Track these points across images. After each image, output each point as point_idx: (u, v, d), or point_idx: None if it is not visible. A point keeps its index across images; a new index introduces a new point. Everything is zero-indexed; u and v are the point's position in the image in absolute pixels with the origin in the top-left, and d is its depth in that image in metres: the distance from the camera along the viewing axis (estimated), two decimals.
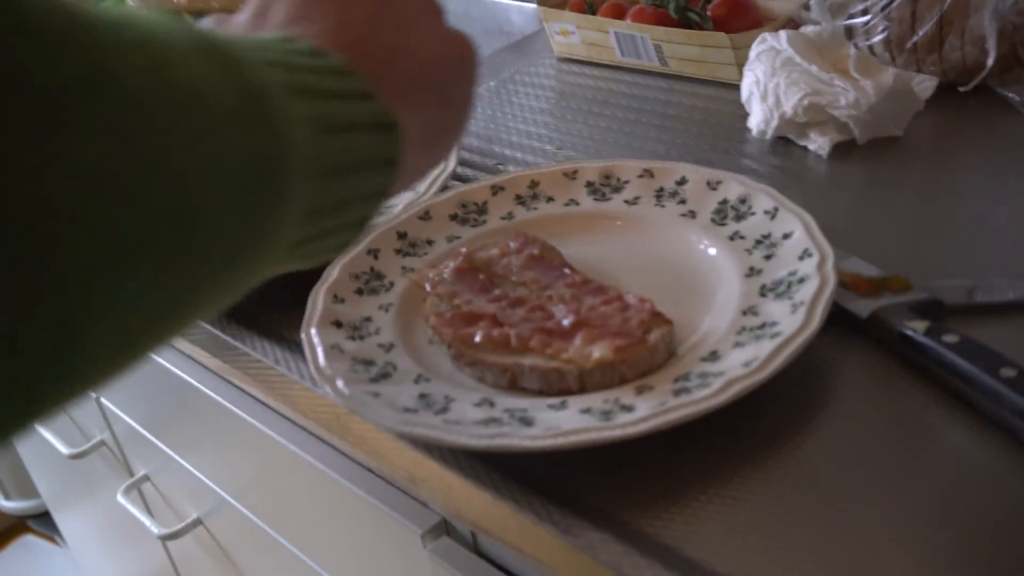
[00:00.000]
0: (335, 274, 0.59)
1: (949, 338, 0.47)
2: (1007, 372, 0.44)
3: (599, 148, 0.76)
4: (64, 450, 1.06)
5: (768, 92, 0.70)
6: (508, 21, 1.15)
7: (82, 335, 0.21)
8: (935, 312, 0.51)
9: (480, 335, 0.51)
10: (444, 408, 0.48)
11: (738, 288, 0.54)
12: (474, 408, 0.48)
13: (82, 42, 0.21)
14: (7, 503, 1.78)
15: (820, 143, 0.68)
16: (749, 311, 0.51)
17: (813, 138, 0.69)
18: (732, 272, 0.55)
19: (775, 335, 0.48)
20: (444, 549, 0.57)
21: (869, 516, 0.41)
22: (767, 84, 0.70)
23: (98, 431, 1.05)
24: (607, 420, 0.45)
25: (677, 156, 0.73)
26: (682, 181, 0.63)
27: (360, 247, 0.61)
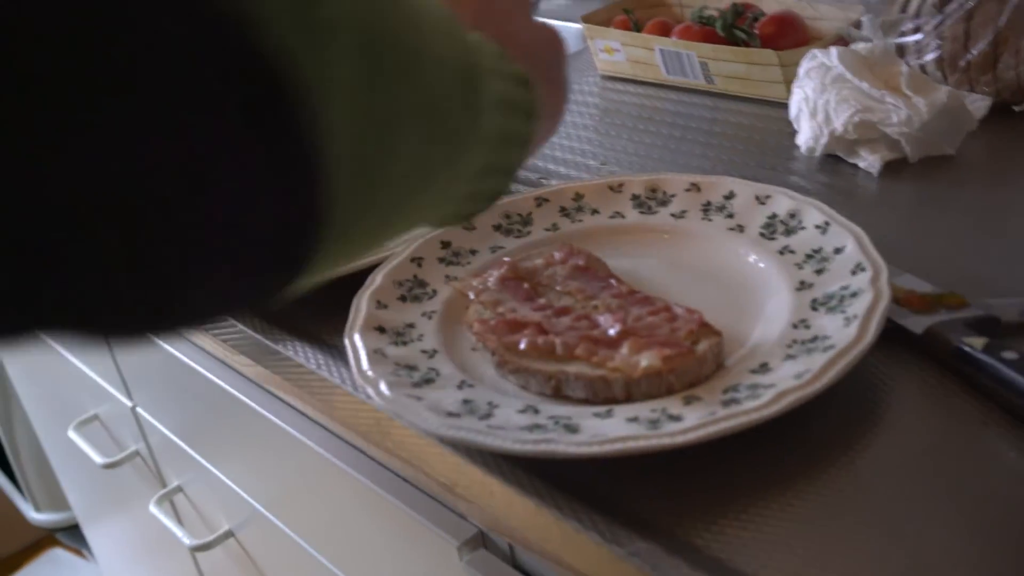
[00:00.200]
0: (379, 280, 0.59)
1: (1008, 355, 0.46)
2: None
3: (643, 164, 0.76)
4: (98, 459, 1.06)
5: (818, 109, 0.69)
6: None
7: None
8: (991, 329, 0.49)
9: (525, 342, 0.51)
10: (488, 414, 0.47)
11: (788, 301, 0.53)
12: (518, 414, 0.47)
13: None
14: (37, 515, 1.79)
15: (871, 160, 0.67)
16: (800, 324, 0.50)
17: (863, 156, 0.68)
18: (782, 286, 0.54)
19: (828, 348, 0.47)
20: (481, 561, 0.56)
21: (924, 533, 0.40)
22: (816, 101, 0.69)
23: (133, 442, 1.05)
24: (654, 429, 0.44)
25: (723, 173, 0.72)
26: (730, 195, 0.62)
27: (404, 255, 0.61)
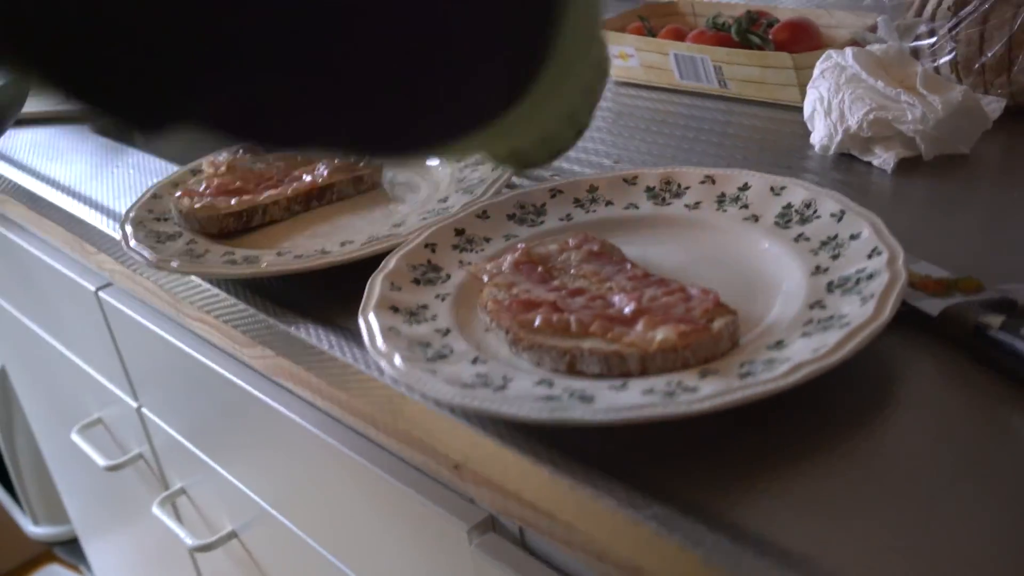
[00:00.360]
0: (392, 264, 0.59)
1: None
2: None
3: (657, 163, 0.76)
4: (101, 462, 1.05)
5: (832, 107, 0.69)
6: None
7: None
8: (1008, 311, 0.49)
9: (539, 319, 0.50)
10: (502, 386, 0.47)
11: (804, 285, 0.52)
12: (533, 387, 0.47)
13: None
14: (36, 529, 1.78)
15: (885, 158, 0.67)
16: (816, 305, 0.50)
17: (878, 153, 0.68)
18: (797, 271, 0.54)
19: (844, 325, 0.46)
20: (491, 544, 0.56)
21: (942, 505, 0.39)
22: (831, 99, 0.69)
23: (136, 444, 1.05)
24: (670, 399, 0.43)
25: None
26: (744, 187, 0.62)
27: (417, 241, 0.61)
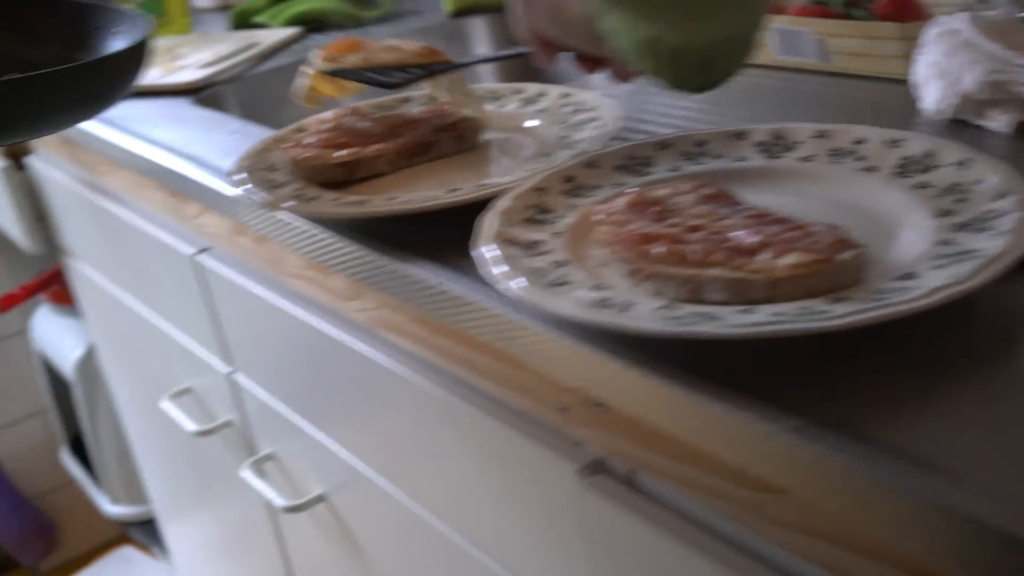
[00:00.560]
0: (505, 203, 0.59)
1: None
2: None
3: None
4: (191, 427, 1.07)
5: (945, 71, 0.68)
6: None
7: None
8: None
9: (661, 249, 0.50)
10: (626, 308, 0.47)
11: (928, 227, 0.51)
12: (658, 310, 0.47)
13: None
14: (113, 508, 1.81)
15: (1002, 121, 0.66)
16: (944, 243, 0.49)
17: (994, 117, 0.67)
18: (920, 214, 0.53)
19: (978, 257, 0.45)
20: (601, 485, 0.56)
21: None
22: (944, 64, 0.68)
23: (226, 412, 1.06)
24: (804, 318, 0.43)
25: None
26: (859, 140, 0.61)
27: (528, 185, 0.61)
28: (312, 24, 1.30)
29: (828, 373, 0.43)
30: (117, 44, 0.66)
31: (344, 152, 0.71)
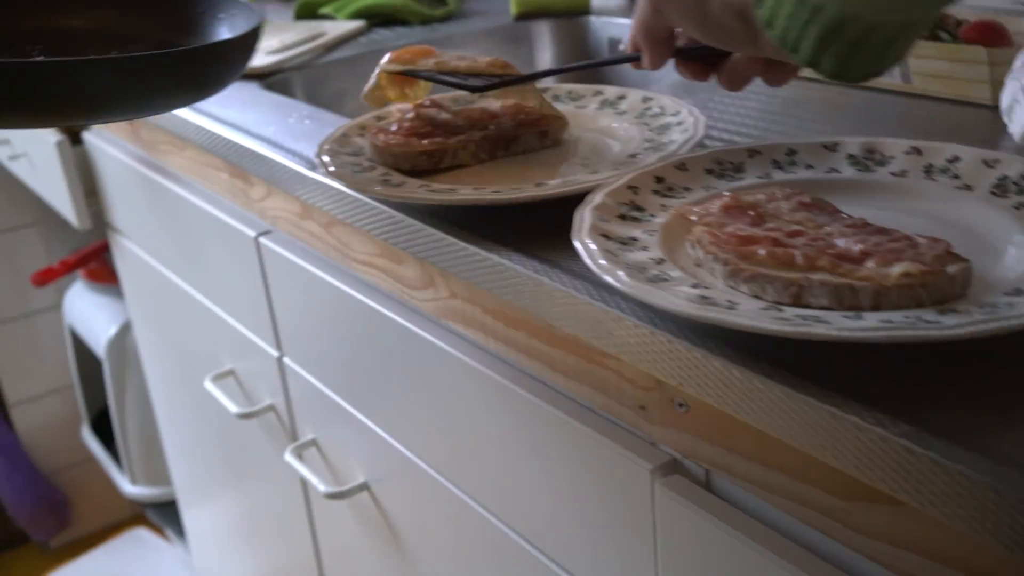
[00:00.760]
0: (599, 198, 0.59)
1: None
2: None
3: None
4: (234, 408, 1.07)
5: None
6: None
7: None
8: None
9: (763, 251, 0.50)
10: (730, 307, 0.47)
11: None
12: (762, 311, 0.46)
13: None
14: (132, 488, 1.81)
15: None
16: None
17: None
18: (1022, 234, 0.53)
19: None
20: (676, 485, 0.55)
21: None
22: None
23: (270, 396, 1.07)
24: (913, 328, 0.43)
25: None
26: (954, 159, 0.61)
27: (619, 183, 0.61)
28: (377, 19, 1.31)
29: (936, 382, 0.43)
30: (222, 30, 0.67)
31: (429, 142, 0.71)
